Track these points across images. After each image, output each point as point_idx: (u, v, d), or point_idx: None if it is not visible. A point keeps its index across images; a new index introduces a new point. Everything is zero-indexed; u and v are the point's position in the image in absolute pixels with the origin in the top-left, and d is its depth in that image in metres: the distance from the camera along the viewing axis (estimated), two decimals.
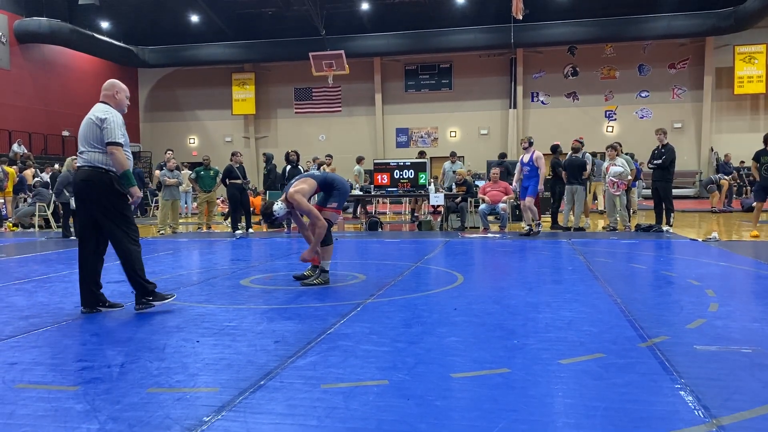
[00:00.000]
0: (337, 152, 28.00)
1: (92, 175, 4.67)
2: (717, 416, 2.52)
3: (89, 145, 4.71)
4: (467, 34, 25.65)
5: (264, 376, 3.12)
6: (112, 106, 4.85)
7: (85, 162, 4.71)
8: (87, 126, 4.73)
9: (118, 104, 4.90)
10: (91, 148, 4.70)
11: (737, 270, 6.76)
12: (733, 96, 25.48)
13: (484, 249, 9.20)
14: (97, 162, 4.68)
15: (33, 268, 7.45)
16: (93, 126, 4.70)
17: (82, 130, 4.77)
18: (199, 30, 28.01)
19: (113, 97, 4.89)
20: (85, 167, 4.71)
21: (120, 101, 4.92)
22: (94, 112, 4.75)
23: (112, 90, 4.91)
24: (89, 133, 4.71)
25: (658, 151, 11.16)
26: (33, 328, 4.27)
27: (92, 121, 4.70)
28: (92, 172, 4.68)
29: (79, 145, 4.80)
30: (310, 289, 5.75)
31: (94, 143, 4.69)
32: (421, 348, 3.63)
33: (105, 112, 4.73)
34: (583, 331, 3.98)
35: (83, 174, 4.71)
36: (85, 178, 4.69)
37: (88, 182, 4.68)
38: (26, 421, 2.59)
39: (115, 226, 4.73)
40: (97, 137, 4.68)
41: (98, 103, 4.86)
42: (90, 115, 4.75)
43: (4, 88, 23.43)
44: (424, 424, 2.49)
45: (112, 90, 4.91)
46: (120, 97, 4.91)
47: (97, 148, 4.69)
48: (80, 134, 4.78)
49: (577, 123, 26.03)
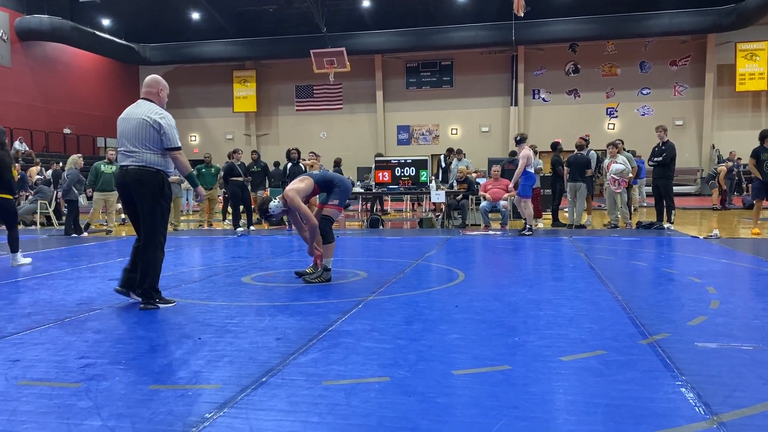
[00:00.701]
0: (338, 150, 28.02)
1: (145, 175, 4.71)
2: (718, 413, 2.52)
3: (143, 146, 4.70)
4: (468, 31, 25.63)
5: (266, 373, 3.13)
6: (156, 103, 4.86)
7: (137, 162, 4.71)
8: (140, 126, 4.70)
9: (161, 102, 4.92)
10: (145, 149, 4.70)
11: (738, 267, 6.76)
12: (734, 93, 25.45)
13: (485, 246, 9.20)
14: (152, 163, 4.73)
15: (35, 265, 7.46)
16: (149, 128, 4.69)
17: (131, 129, 4.72)
18: (201, 27, 28.01)
19: (157, 95, 4.91)
20: (136, 167, 4.72)
21: (163, 99, 4.95)
22: (147, 113, 4.72)
23: (156, 87, 4.91)
24: (143, 133, 4.69)
25: (659, 148, 11.16)
26: (35, 325, 4.28)
27: (147, 122, 4.69)
28: (145, 172, 4.71)
29: (126, 143, 4.75)
30: (311, 286, 5.76)
31: (149, 144, 4.70)
32: (423, 345, 3.64)
33: (160, 115, 4.74)
34: (584, 328, 3.98)
35: (136, 174, 4.71)
36: (139, 178, 4.71)
37: (144, 183, 4.71)
38: (29, 418, 2.60)
39: (153, 225, 4.78)
40: (154, 139, 4.70)
41: (143, 101, 4.85)
42: (142, 116, 4.72)
43: (6, 86, 23.45)
44: (425, 421, 2.50)
45: (156, 87, 4.92)
46: (163, 94, 4.95)
47: (151, 149, 4.71)
48: (128, 133, 4.74)
49: (578, 120, 26.01)
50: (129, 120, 4.76)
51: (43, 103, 25.38)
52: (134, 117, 4.74)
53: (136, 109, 4.81)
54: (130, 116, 4.77)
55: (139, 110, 4.76)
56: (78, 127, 26.93)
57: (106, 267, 7.33)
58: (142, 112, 4.74)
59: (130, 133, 4.72)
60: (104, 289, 5.75)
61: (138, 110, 4.77)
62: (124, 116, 4.81)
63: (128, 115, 4.79)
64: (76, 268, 7.18)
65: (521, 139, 10.99)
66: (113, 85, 29.83)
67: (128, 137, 4.74)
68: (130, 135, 4.72)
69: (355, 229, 12.71)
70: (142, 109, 4.77)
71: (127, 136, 4.74)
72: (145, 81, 4.96)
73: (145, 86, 4.91)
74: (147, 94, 4.89)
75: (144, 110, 4.75)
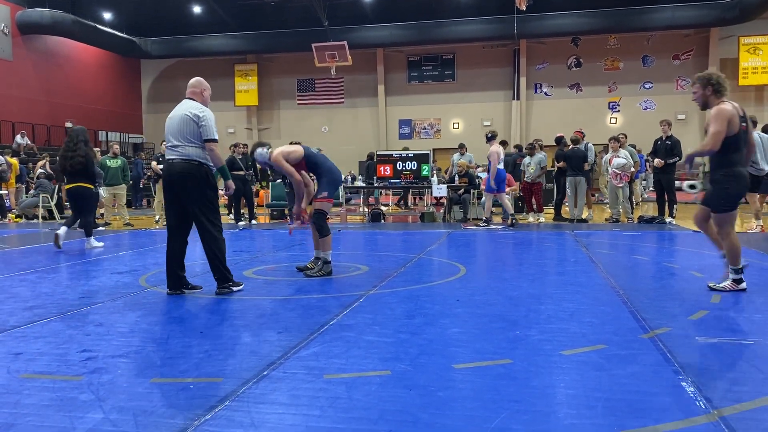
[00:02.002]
0: (340, 144, 28.03)
1: (190, 168, 4.91)
2: (718, 407, 2.52)
3: (185, 140, 4.93)
4: (470, 25, 25.54)
5: (267, 367, 3.14)
6: (199, 102, 5.10)
7: (181, 155, 4.93)
8: (183, 122, 4.94)
9: (204, 101, 5.15)
10: (187, 143, 4.93)
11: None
12: (737, 87, 25.34)
13: (486, 241, 9.20)
14: (194, 156, 4.94)
15: (37, 259, 7.48)
16: (190, 122, 4.93)
17: (174, 125, 4.96)
18: (202, 21, 27.93)
19: (200, 95, 5.15)
20: (181, 160, 4.92)
21: (206, 99, 5.18)
22: (189, 109, 4.97)
23: (199, 87, 5.17)
24: (185, 128, 4.93)
25: (662, 142, 11.12)
26: (37, 319, 4.29)
27: (189, 117, 4.93)
28: (189, 166, 4.92)
29: (171, 139, 4.99)
30: (312, 280, 5.76)
31: (191, 138, 4.94)
32: (424, 339, 3.64)
33: (200, 109, 4.99)
34: (585, 323, 3.98)
35: (180, 167, 4.92)
36: (183, 171, 4.91)
37: (187, 175, 4.91)
38: (31, 411, 2.61)
39: (205, 216, 4.98)
40: (195, 133, 4.93)
41: (187, 100, 5.10)
42: (185, 112, 4.96)
43: (7, 80, 23.43)
44: (426, 415, 2.50)
45: (199, 87, 5.17)
46: (206, 94, 5.20)
47: (193, 142, 4.94)
48: (173, 129, 4.97)
49: (580, 114, 25.94)
50: (173, 117, 5.03)
51: (45, 97, 25.37)
52: (178, 114, 5.01)
53: (180, 107, 5.08)
54: (174, 114, 5.05)
55: (182, 108, 5.04)
56: (79, 121, 26.86)
57: (108, 261, 7.35)
58: (184, 109, 5.01)
59: (174, 129, 4.98)
60: (106, 282, 5.76)
61: (181, 108, 5.05)
62: (171, 115, 5.08)
63: (173, 113, 5.07)
64: (77, 262, 7.20)
65: (492, 136, 11.08)
66: (115, 78, 29.80)
67: (173, 133, 4.99)
68: (174, 130, 4.98)
69: (357, 223, 12.71)
70: (185, 106, 5.04)
71: (171, 131, 5.00)
72: (190, 82, 5.21)
73: (190, 87, 5.17)
74: (191, 93, 5.14)
75: (186, 107, 5.02)
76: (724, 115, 4.76)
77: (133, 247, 8.74)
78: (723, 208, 4.97)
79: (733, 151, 4.83)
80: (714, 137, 4.75)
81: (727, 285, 4.98)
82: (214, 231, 5.01)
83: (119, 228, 11.74)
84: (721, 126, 4.74)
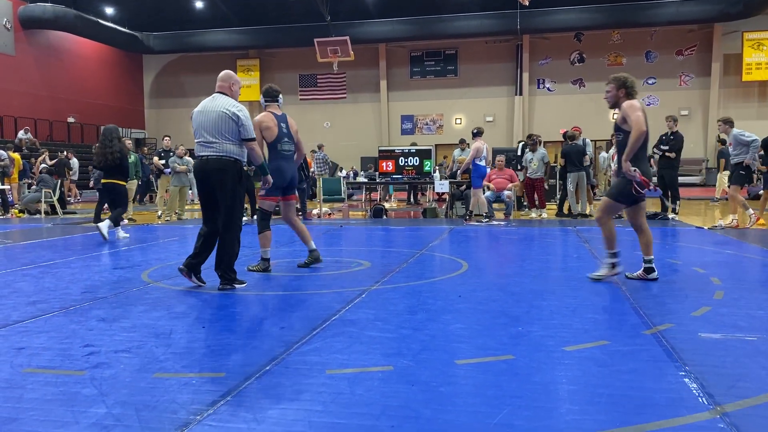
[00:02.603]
0: (342, 139, 28.02)
1: (226, 165, 4.98)
2: (721, 403, 2.52)
3: (222, 137, 4.97)
4: (473, 20, 25.49)
5: (269, 362, 3.14)
6: (229, 96, 5.12)
7: (218, 152, 4.97)
8: (220, 119, 4.97)
9: (233, 95, 5.17)
10: (224, 140, 4.98)
11: (743, 258, 6.74)
12: (740, 83, 25.29)
13: (488, 237, 9.20)
14: (231, 153, 5.00)
15: (39, 254, 7.49)
16: (227, 119, 4.97)
17: (210, 122, 4.97)
18: (204, 16, 27.91)
19: (230, 89, 5.17)
20: (216, 156, 4.97)
21: (235, 93, 5.20)
22: (225, 106, 4.99)
23: (228, 81, 5.18)
24: (222, 125, 4.96)
25: (666, 138, 11.10)
26: (40, 314, 4.30)
27: (226, 114, 4.96)
28: (226, 162, 4.98)
29: (205, 135, 4.99)
30: (314, 275, 5.77)
31: (228, 135, 4.98)
32: (426, 334, 3.64)
33: (238, 108, 5.04)
34: (587, 319, 3.98)
35: (217, 163, 4.97)
36: (220, 167, 4.97)
37: (223, 171, 4.96)
38: (34, 405, 2.61)
39: (233, 210, 5.06)
40: (232, 130, 4.98)
41: (218, 95, 5.11)
42: (222, 109, 4.98)
43: (10, 75, 23.44)
44: (428, 410, 2.51)
45: (229, 82, 5.19)
46: (235, 88, 5.21)
47: (230, 140, 4.99)
48: (208, 125, 4.97)
49: (583, 110, 25.90)
50: (208, 113, 5.01)
51: (47, 92, 25.38)
52: (213, 110, 5.00)
53: (212, 102, 5.06)
54: (207, 109, 5.03)
55: (217, 103, 5.02)
56: (82, 116, 26.93)
57: (111, 256, 7.36)
58: (220, 105, 5.00)
59: (210, 125, 4.98)
60: (109, 277, 5.77)
61: (215, 103, 5.03)
62: (201, 109, 5.06)
63: (205, 108, 5.04)
64: (80, 257, 7.21)
65: (477, 132, 11.16)
66: (117, 73, 29.80)
67: (208, 129, 4.98)
68: (210, 127, 4.98)
69: (359, 218, 12.71)
70: (220, 102, 5.03)
71: (206, 127, 4.99)
72: (219, 76, 5.22)
73: (219, 80, 5.19)
74: (220, 87, 5.15)
75: (222, 103, 5.01)
76: (637, 105, 5.08)
77: (135, 242, 8.75)
78: (618, 199, 5.22)
79: (639, 148, 5.07)
80: (637, 123, 4.97)
81: (639, 274, 5.26)
82: (236, 230, 5.12)
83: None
84: (640, 112, 5.02)
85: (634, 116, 5.01)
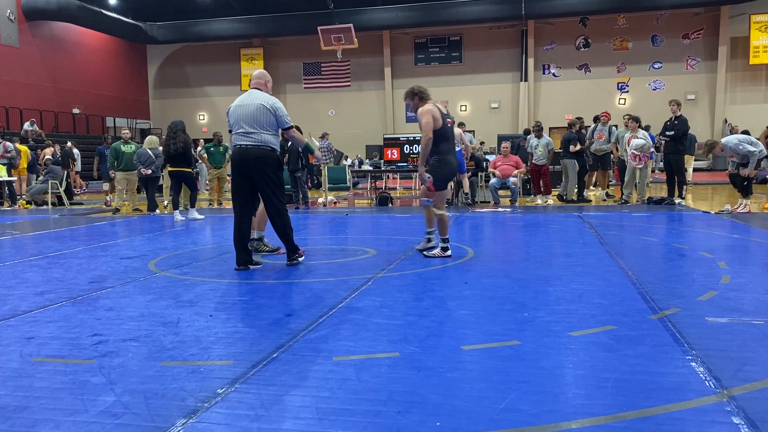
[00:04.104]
0: (347, 127, 27.98)
1: (266, 154, 5.37)
2: (728, 387, 2.52)
3: (261, 128, 5.37)
4: (477, 6, 25.31)
5: (276, 349, 3.16)
6: (264, 92, 5.54)
7: (257, 142, 5.35)
8: (259, 111, 5.36)
9: (268, 91, 5.60)
10: (263, 131, 5.37)
11: (750, 242, 6.71)
12: (748, 66, 25.07)
13: (494, 223, 9.19)
14: (269, 143, 5.40)
15: (47, 245, 7.53)
16: (266, 112, 5.38)
17: (250, 114, 5.35)
18: (207, 5, 27.82)
19: (265, 86, 5.60)
20: (257, 147, 5.35)
21: (269, 89, 5.64)
22: (262, 100, 5.41)
23: (263, 79, 5.63)
24: (261, 117, 5.36)
25: (671, 123, 11.04)
26: (49, 304, 4.33)
27: (265, 107, 5.38)
28: (265, 151, 5.37)
29: (244, 126, 5.36)
30: (321, 263, 5.79)
31: (267, 126, 5.39)
32: (432, 321, 3.65)
33: (274, 100, 5.48)
34: (593, 304, 3.98)
35: (257, 152, 5.35)
36: (261, 156, 5.35)
37: (264, 159, 5.36)
38: (44, 394, 2.64)
39: (276, 196, 5.47)
40: (271, 122, 5.40)
41: (254, 90, 5.53)
42: (261, 102, 5.39)
43: (14, 66, 23.45)
44: (434, 395, 2.51)
45: (264, 79, 5.63)
46: (269, 86, 5.65)
47: (269, 130, 5.40)
48: (247, 117, 5.35)
49: (588, 95, 25.75)
50: (246, 106, 5.40)
51: (52, 83, 25.39)
52: (251, 103, 5.39)
53: (250, 97, 5.47)
54: (245, 103, 5.42)
55: (255, 97, 5.44)
56: (87, 107, 26.96)
57: (117, 246, 7.39)
58: (258, 99, 5.41)
59: (249, 117, 5.36)
60: (116, 267, 5.80)
61: (253, 97, 5.44)
62: (240, 103, 5.45)
63: (243, 102, 5.44)
64: (87, 247, 7.24)
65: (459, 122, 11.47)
66: (121, 64, 29.79)
67: (247, 121, 5.37)
68: (249, 119, 5.36)
69: (364, 206, 12.71)
70: (257, 96, 5.45)
71: (246, 119, 5.37)
72: (255, 74, 5.71)
73: (255, 78, 5.64)
74: (257, 84, 5.58)
75: (260, 97, 5.44)
76: (426, 111, 5.74)
77: (142, 232, 8.78)
78: (438, 187, 5.91)
79: (441, 141, 5.77)
80: (424, 130, 5.70)
81: (437, 252, 5.92)
82: (282, 209, 5.51)
83: (128, 213, 11.79)
84: (428, 119, 5.69)
85: (423, 122, 5.69)
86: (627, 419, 2.27)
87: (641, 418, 2.27)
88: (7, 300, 4.47)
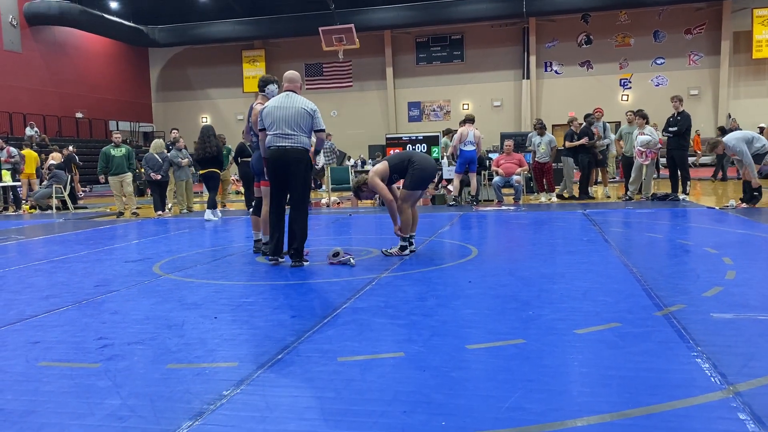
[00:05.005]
0: (349, 128, 27.97)
1: (303, 155, 5.59)
2: (734, 383, 2.51)
3: (301, 130, 5.57)
4: (478, 4, 25.28)
5: (281, 350, 3.16)
6: (299, 94, 5.74)
7: (295, 144, 5.54)
8: (299, 115, 5.55)
9: (301, 94, 5.79)
10: (302, 133, 5.58)
11: (755, 237, 6.69)
12: (751, 60, 24.98)
13: (498, 222, 9.18)
14: (305, 144, 5.61)
15: (52, 249, 7.55)
16: (306, 115, 5.58)
17: (290, 116, 5.50)
18: (208, 7, 27.88)
19: (299, 88, 5.82)
20: (294, 147, 5.53)
21: (302, 91, 5.85)
22: (303, 104, 5.60)
23: (297, 82, 5.84)
24: (301, 120, 5.56)
25: (674, 119, 11.01)
26: (54, 308, 4.34)
27: (306, 111, 5.58)
28: (302, 152, 5.58)
29: (284, 127, 5.51)
30: (324, 265, 5.78)
31: (304, 128, 5.59)
32: (436, 320, 3.64)
33: (313, 104, 5.68)
34: (598, 301, 3.97)
35: (296, 154, 5.54)
36: (299, 157, 5.56)
37: (300, 160, 5.57)
38: (50, 398, 2.65)
39: (305, 194, 5.72)
40: (308, 124, 5.60)
41: (291, 93, 5.68)
42: (301, 106, 5.58)
43: (17, 71, 23.54)
44: (439, 395, 2.51)
45: (298, 82, 5.85)
46: (301, 89, 5.86)
47: (305, 133, 5.61)
48: (288, 119, 5.50)
49: (591, 92, 25.69)
50: (286, 108, 5.55)
51: (55, 88, 25.47)
52: (292, 106, 5.56)
53: (288, 99, 5.62)
54: (284, 105, 5.57)
55: (294, 101, 5.60)
56: (90, 111, 27.03)
57: (122, 249, 7.41)
58: (299, 103, 5.59)
59: (290, 119, 5.52)
60: (120, 270, 5.81)
61: (291, 101, 5.60)
62: (278, 105, 5.59)
63: (282, 104, 5.58)
64: (92, 251, 7.26)
65: (464, 119, 11.56)
66: (123, 67, 29.86)
67: (287, 123, 5.52)
68: (290, 121, 5.52)
69: (368, 207, 12.70)
70: (296, 100, 5.62)
71: (286, 121, 5.52)
72: (288, 77, 5.83)
73: (288, 81, 5.79)
74: (293, 87, 5.76)
75: (299, 101, 5.62)
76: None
77: (145, 235, 8.80)
78: (413, 187, 6.07)
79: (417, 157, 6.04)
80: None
81: (394, 251, 6.07)
82: (305, 211, 5.71)
83: (127, 217, 11.80)
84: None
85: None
86: (632, 416, 2.27)
87: (647, 415, 2.27)
88: (13, 305, 4.49)
